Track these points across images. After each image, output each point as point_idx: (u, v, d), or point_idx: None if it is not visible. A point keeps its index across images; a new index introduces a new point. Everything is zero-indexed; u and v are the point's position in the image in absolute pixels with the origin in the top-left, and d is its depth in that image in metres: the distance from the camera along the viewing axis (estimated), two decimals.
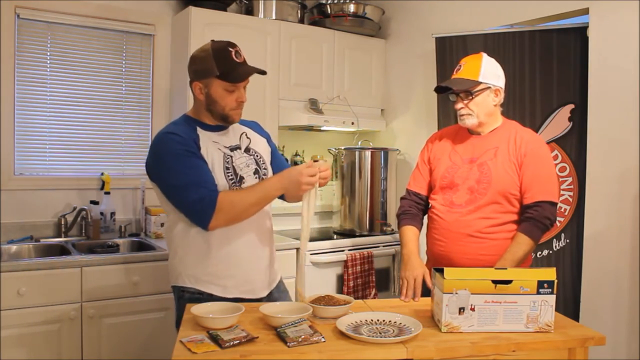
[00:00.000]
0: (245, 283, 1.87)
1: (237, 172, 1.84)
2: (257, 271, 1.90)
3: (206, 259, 1.83)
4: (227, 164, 1.83)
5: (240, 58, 1.81)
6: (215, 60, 1.77)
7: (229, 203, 1.72)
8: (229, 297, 1.81)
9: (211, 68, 1.77)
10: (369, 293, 3.16)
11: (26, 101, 2.94)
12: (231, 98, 1.81)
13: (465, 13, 3.14)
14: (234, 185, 1.82)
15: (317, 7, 3.56)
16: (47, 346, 2.39)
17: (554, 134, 2.73)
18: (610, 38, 2.46)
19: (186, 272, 1.86)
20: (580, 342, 1.54)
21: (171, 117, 3.29)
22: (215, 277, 1.83)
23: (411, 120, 3.57)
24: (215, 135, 1.86)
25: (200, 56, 1.82)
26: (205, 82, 1.81)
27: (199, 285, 1.84)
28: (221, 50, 1.79)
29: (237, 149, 1.90)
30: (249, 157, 1.91)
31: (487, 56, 2.04)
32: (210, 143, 1.83)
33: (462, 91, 1.99)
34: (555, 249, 2.72)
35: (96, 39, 3.11)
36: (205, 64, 1.79)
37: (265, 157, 1.98)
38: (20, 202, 2.92)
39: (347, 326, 1.54)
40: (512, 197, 1.97)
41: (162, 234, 3.10)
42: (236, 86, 1.80)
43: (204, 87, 1.81)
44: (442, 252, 2.05)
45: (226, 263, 1.83)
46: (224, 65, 1.77)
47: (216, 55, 1.78)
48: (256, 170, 1.90)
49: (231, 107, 1.82)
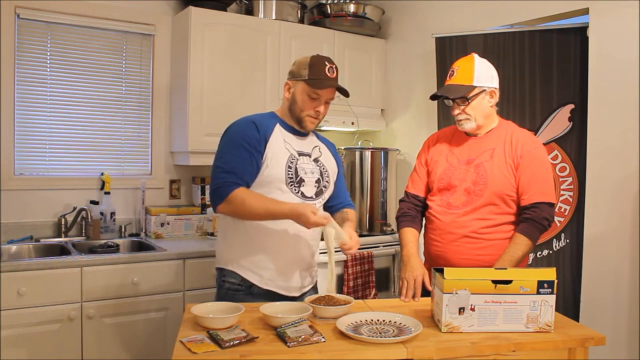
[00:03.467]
0: (280, 278, 1.94)
1: (298, 174, 1.94)
2: (293, 270, 1.97)
3: (249, 246, 1.93)
4: (291, 163, 1.93)
5: (332, 74, 1.93)
6: (309, 67, 1.92)
7: (240, 200, 1.82)
8: (265, 288, 1.92)
9: (303, 72, 1.93)
10: (369, 293, 3.16)
11: (26, 101, 2.94)
12: (311, 104, 1.93)
13: (465, 13, 3.14)
14: (291, 183, 1.91)
15: (317, 7, 3.56)
16: (47, 346, 2.39)
17: (554, 134, 2.73)
18: (610, 38, 2.46)
19: (230, 256, 1.97)
20: (580, 342, 1.54)
21: (171, 117, 3.29)
22: (255, 266, 1.93)
23: (411, 120, 3.57)
24: (290, 136, 1.98)
25: (300, 60, 1.98)
26: (294, 82, 1.96)
27: (239, 270, 1.94)
28: (318, 61, 1.94)
29: (307, 155, 2.00)
30: (315, 166, 2.01)
31: (479, 57, 2.04)
32: (281, 141, 1.94)
33: (459, 98, 1.99)
34: (555, 249, 2.72)
35: (96, 39, 3.11)
36: (300, 67, 1.95)
37: (331, 174, 2.07)
38: (20, 202, 2.92)
39: (347, 326, 1.54)
40: (509, 199, 1.98)
41: (162, 234, 3.11)
42: (318, 95, 1.92)
43: (292, 86, 1.97)
44: (438, 253, 2.05)
45: (265, 254, 1.93)
46: (314, 73, 1.91)
47: (312, 63, 1.93)
48: (318, 180, 2.00)
49: (308, 113, 1.94)
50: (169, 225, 3.13)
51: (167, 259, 2.68)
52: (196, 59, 3.02)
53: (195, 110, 3.03)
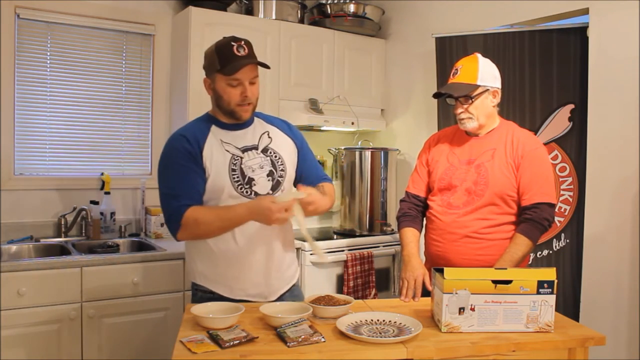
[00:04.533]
0: (252, 286, 1.85)
1: (245, 174, 1.81)
2: (264, 275, 1.86)
3: (213, 258, 1.83)
4: (234, 165, 1.80)
5: (242, 52, 1.77)
6: (217, 55, 1.77)
7: (193, 221, 1.72)
8: (236, 299, 1.80)
9: (214, 63, 1.78)
10: (369, 293, 3.16)
11: (26, 101, 2.94)
12: (235, 92, 1.79)
13: (465, 13, 3.14)
14: (240, 187, 1.79)
15: (317, 7, 3.56)
16: (47, 346, 2.39)
17: (554, 134, 2.73)
18: (610, 38, 2.46)
19: (197, 270, 1.88)
20: (580, 342, 1.54)
21: (171, 117, 3.29)
22: (222, 277, 1.84)
23: (411, 120, 3.57)
24: (228, 135, 1.85)
25: (207, 52, 1.83)
26: (212, 77, 1.81)
27: (208, 284, 1.85)
28: (224, 45, 1.78)
29: (253, 149, 1.86)
30: (264, 157, 1.86)
31: (482, 57, 2.04)
32: (217, 144, 1.82)
33: (462, 96, 1.99)
34: (555, 249, 2.72)
35: (96, 39, 3.11)
36: (210, 59, 1.80)
37: (287, 159, 1.92)
38: (20, 202, 2.92)
39: (347, 326, 1.54)
40: (509, 199, 1.98)
41: (162, 234, 3.11)
42: (238, 80, 1.77)
43: (212, 82, 1.82)
44: (439, 253, 2.05)
45: (231, 264, 1.82)
46: (224, 60, 1.76)
47: (219, 50, 1.78)
48: (270, 172, 1.86)
49: (236, 102, 1.80)
50: None
51: (167, 259, 2.68)
52: (196, 59, 3.02)
53: (195, 110, 3.02)
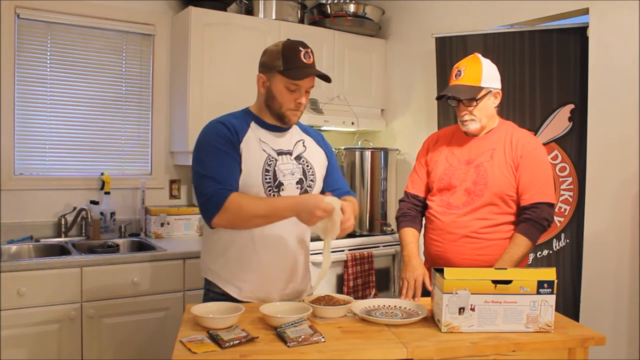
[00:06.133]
0: (261, 290, 1.83)
1: (277, 177, 1.78)
2: (275, 281, 1.84)
3: (226, 257, 1.82)
4: (269, 166, 1.78)
5: (308, 60, 1.77)
6: (282, 56, 1.74)
7: (237, 205, 1.67)
8: (245, 300, 1.79)
9: (277, 63, 1.75)
10: (369, 293, 3.16)
11: (26, 101, 2.94)
12: (290, 97, 1.77)
13: (465, 13, 3.14)
14: (270, 189, 1.77)
15: (317, 7, 3.56)
16: (47, 346, 2.39)
17: (554, 134, 2.73)
18: (610, 38, 2.46)
19: (210, 267, 1.87)
20: (580, 342, 1.54)
21: (171, 117, 3.29)
22: (233, 278, 1.82)
23: (411, 120, 3.57)
24: (267, 135, 1.83)
25: (270, 50, 1.80)
26: (269, 75, 1.79)
27: (219, 282, 1.83)
28: (291, 48, 1.76)
29: (287, 154, 1.84)
30: (297, 164, 1.84)
31: (484, 58, 2.04)
32: (255, 141, 1.79)
33: (467, 99, 1.99)
34: (555, 249, 2.72)
35: (96, 39, 3.11)
36: (272, 58, 1.77)
37: (317, 170, 1.91)
38: (20, 202, 2.92)
39: (361, 310, 1.68)
40: (509, 199, 1.98)
41: (162, 234, 3.11)
42: (297, 86, 1.76)
43: (267, 80, 1.80)
44: (439, 253, 2.05)
45: (243, 266, 1.81)
46: (289, 62, 1.74)
47: (285, 52, 1.75)
48: (300, 180, 1.83)
49: (288, 107, 1.79)
50: (169, 225, 3.12)
51: (167, 259, 2.68)
52: (196, 58, 3.02)
53: (195, 110, 3.03)
